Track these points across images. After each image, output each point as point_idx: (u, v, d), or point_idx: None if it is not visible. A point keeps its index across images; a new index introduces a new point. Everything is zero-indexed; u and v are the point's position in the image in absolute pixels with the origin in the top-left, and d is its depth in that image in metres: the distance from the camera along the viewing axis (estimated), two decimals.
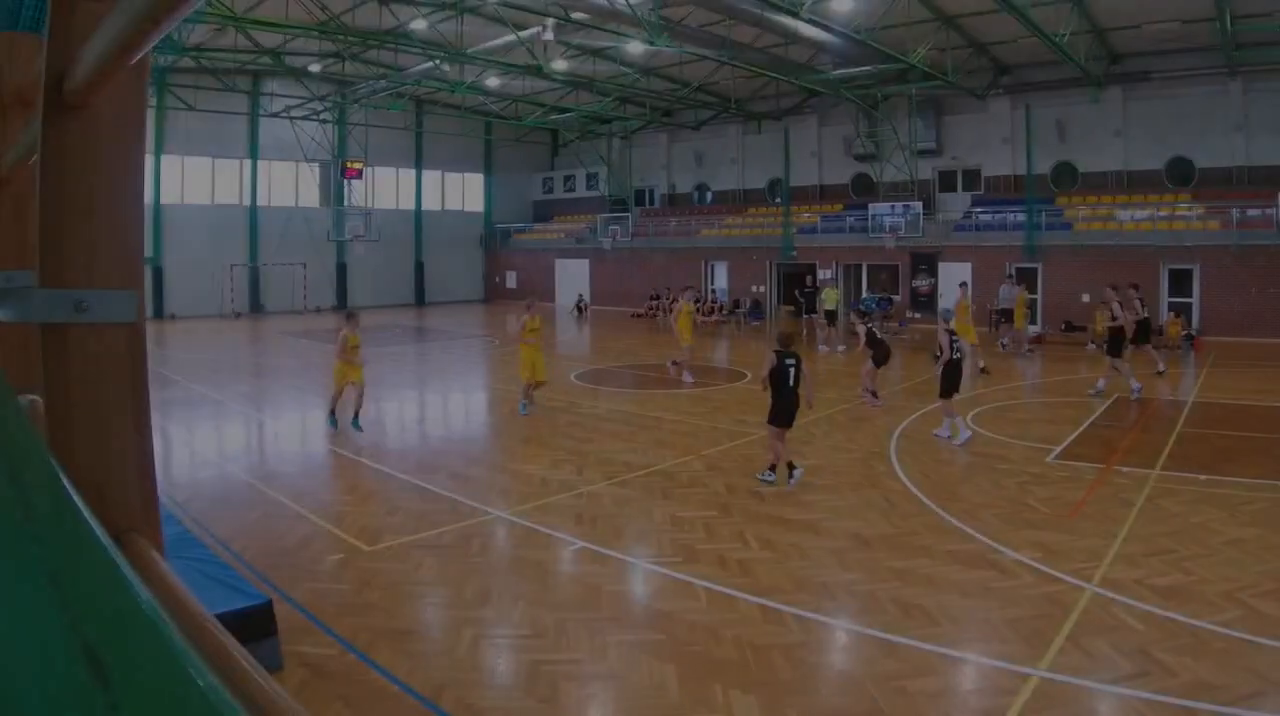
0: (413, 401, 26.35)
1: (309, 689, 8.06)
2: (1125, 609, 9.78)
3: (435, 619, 9.88)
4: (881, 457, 17.42)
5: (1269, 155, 41.13)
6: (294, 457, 18.51)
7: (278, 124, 56.32)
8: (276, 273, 58.25)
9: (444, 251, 67.99)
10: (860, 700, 7.92)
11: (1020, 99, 48.40)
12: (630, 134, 66.00)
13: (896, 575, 10.93)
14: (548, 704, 7.88)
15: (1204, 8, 35.44)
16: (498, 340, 41.45)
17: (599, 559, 11.67)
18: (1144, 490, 14.63)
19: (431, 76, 47.30)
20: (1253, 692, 7.89)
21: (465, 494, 14.71)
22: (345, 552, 11.82)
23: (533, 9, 37.78)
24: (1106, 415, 21.77)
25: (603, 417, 21.90)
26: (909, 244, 47.15)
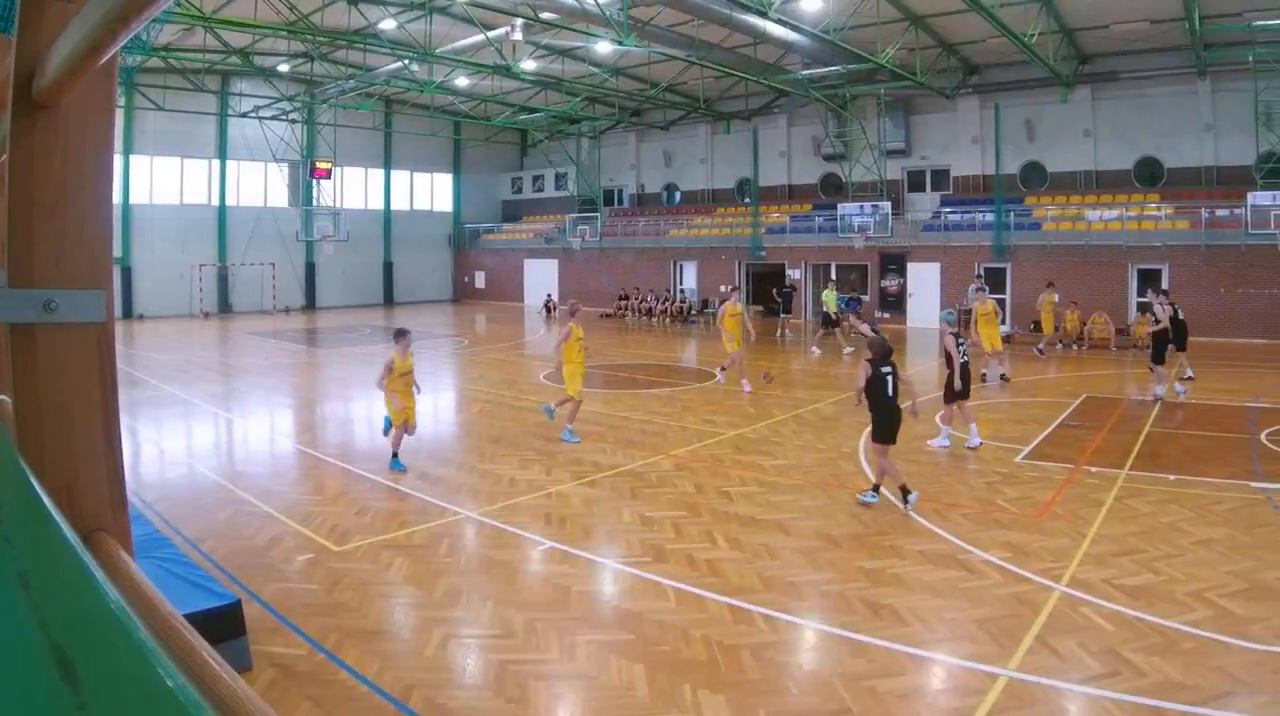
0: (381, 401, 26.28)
1: (278, 688, 8.04)
2: (1094, 609, 9.84)
3: (404, 619, 9.85)
4: (851, 457, 17.47)
5: (1237, 155, 41.34)
6: (263, 457, 18.45)
7: (246, 124, 56.16)
8: (245, 273, 58.16)
9: (413, 251, 68.00)
10: (829, 700, 7.94)
11: (989, 99, 48.58)
12: (599, 134, 66.01)
13: (866, 575, 10.98)
14: (517, 704, 7.87)
15: (1172, 8, 35.64)
16: (466, 340, 41.48)
17: (568, 559, 11.69)
18: (1113, 490, 14.69)
19: (400, 76, 47.22)
20: (1222, 692, 7.94)
21: (434, 494, 14.74)
22: (314, 552, 11.79)
23: (501, 9, 37.74)
24: (1076, 415, 21.85)
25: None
26: (878, 244, 47.23)
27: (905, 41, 39.87)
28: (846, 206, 47.50)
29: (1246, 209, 37.07)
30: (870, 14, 35.95)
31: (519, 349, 38.98)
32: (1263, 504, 13.89)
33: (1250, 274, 36.51)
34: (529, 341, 42.24)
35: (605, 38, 37.00)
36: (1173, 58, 41.82)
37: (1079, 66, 45.15)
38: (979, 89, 49.06)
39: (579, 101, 57.49)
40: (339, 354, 36.69)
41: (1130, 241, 40.92)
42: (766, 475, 16.04)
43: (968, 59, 47.33)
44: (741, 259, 54.75)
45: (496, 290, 68.06)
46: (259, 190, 59.21)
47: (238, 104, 55.39)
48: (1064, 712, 7.93)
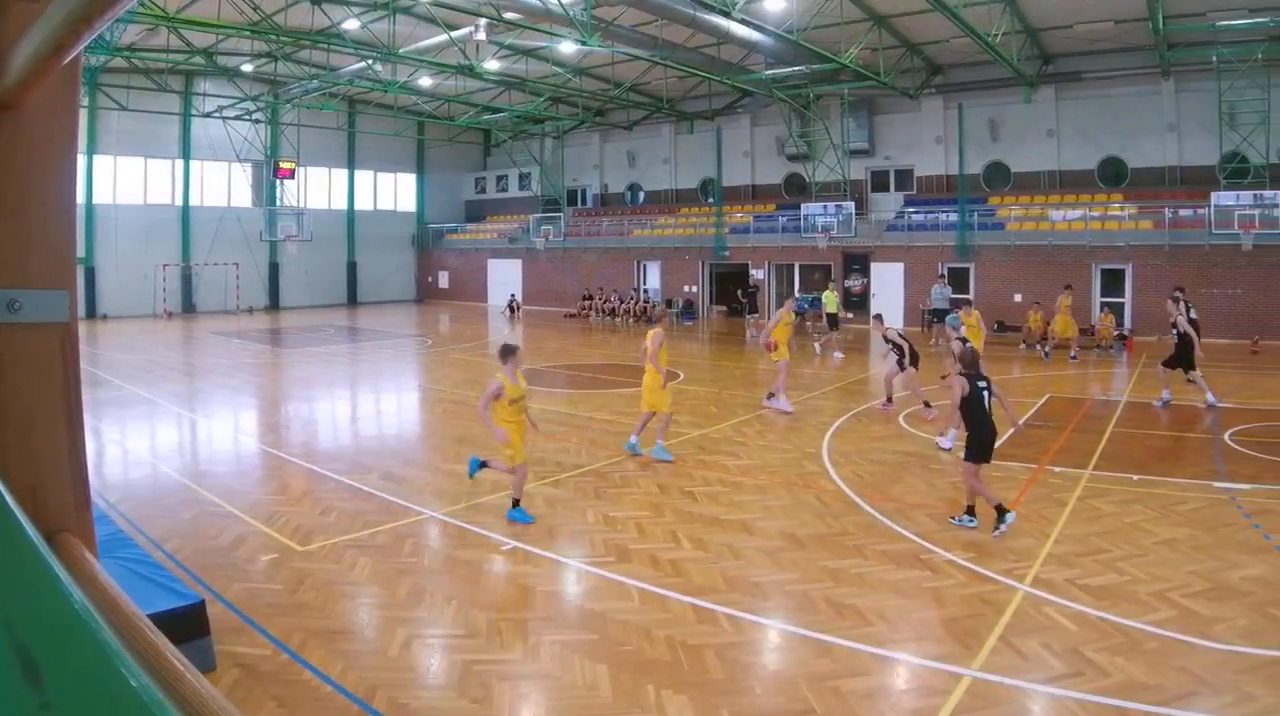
0: (345, 401, 26.22)
1: (242, 688, 8.01)
2: (1058, 609, 9.89)
3: (368, 619, 9.83)
4: (814, 458, 17.49)
5: (1201, 155, 41.57)
6: (227, 458, 18.34)
7: (210, 124, 56.03)
8: (209, 273, 58.03)
9: (376, 251, 67.93)
10: (793, 700, 7.95)
11: (953, 99, 48.71)
12: (562, 134, 65.87)
13: (829, 575, 11.00)
14: (481, 704, 7.87)
15: (1136, 8, 35.86)
16: (430, 340, 41.42)
17: (532, 559, 11.68)
18: (1076, 490, 14.74)
19: (364, 76, 47.17)
20: (1185, 692, 7.98)
21: (398, 494, 14.71)
22: (278, 552, 11.75)
23: (465, 9, 37.72)
24: (1039, 415, 21.93)
25: (535, 418, 21.84)
26: (841, 244, 47.33)
27: (869, 41, 39.97)
28: (810, 206, 47.52)
29: (1210, 209, 37.25)
30: (834, 14, 36.04)
31: (482, 349, 38.92)
32: (1226, 504, 13.94)
33: (1214, 274, 36.69)
34: (492, 342, 42.15)
35: (569, 38, 37.03)
36: (1136, 58, 42.04)
37: (1043, 66, 45.36)
38: (943, 89, 49.24)
39: (542, 101, 57.50)
40: (303, 354, 36.58)
41: (1094, 241, 41.11)
42: (730, 475, 16.05)
43: (931, 59, 47.50)
44: (705, 259, 54.83)
45: (460, 290, 68.01)
46: (222, 190, 59.05)
47: (201, 104, 55.34)
48: (1027, 712, 7.97)
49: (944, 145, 49.65)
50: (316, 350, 37.33)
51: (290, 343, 41.31)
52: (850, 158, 49.88)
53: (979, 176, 48.99)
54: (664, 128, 62.17)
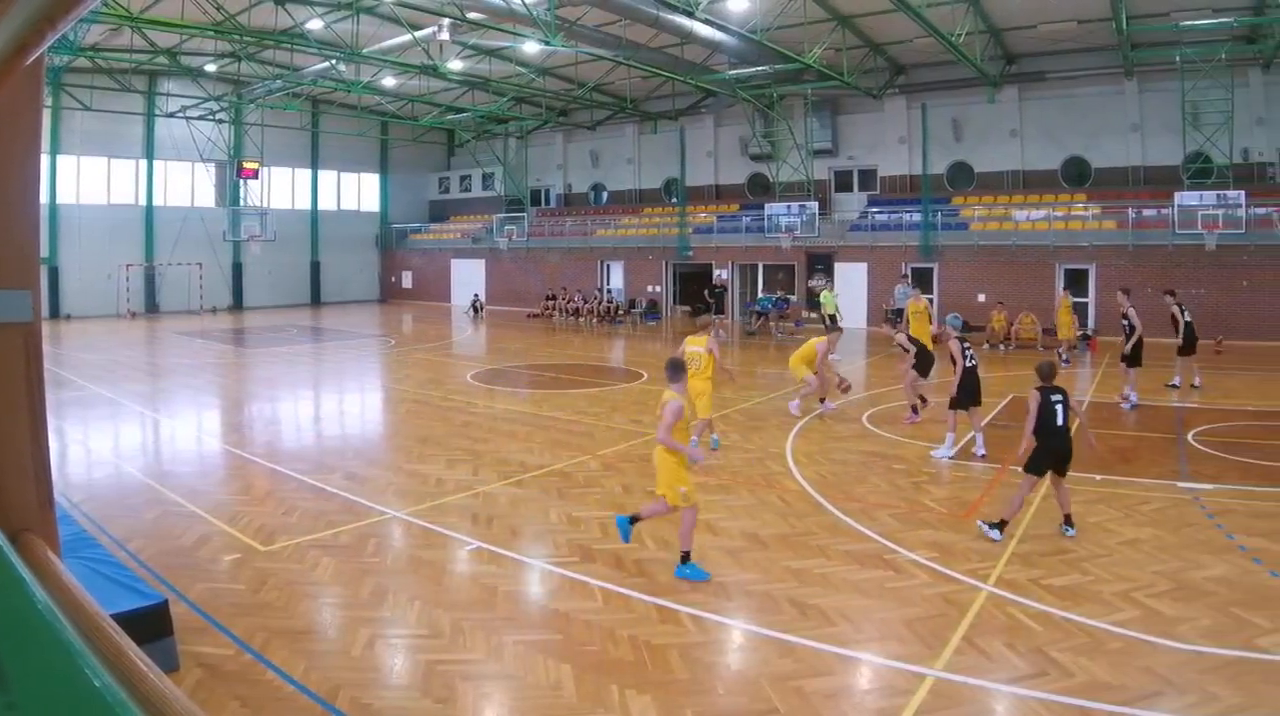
0: (308, 401, 26.14)
1: (205, 688, 7.97)
2: (1022, 609, 9.94)
3: (331, 619, 9.79)
4: (778, 458, 17.51)
5: (1164, 155, 41.85)
6: (190, 457, 18.22)
7: (174, 124, 55.88)
8: (172, 273, 57.85)
9: (340, 251, 67.89)
10: (757, 700, 7.96)
11: (916, 99, 48.95)
12: (526, 134, 65.85)
13: (793, 575, 11.02)
14: (444, 704, 7.86)
15: (1100, 8, 36.09)
16: (393, 340, 41.36)
17: (495, 559, 11.66)
18: (1040, 490, 14.69)
19: (327, 76, 47.05)
20: (1149, 693, 8.02)
21: (361, 494, 14.65)
22: (241, 552, 11.69)
23: (428, 9, 37.66)
24: (1003, 415, 22.03)
25: (499, 417, 21.85)
26: (805, 244, 47.44)
27: (832, 41, 40.06)
28: (774, 206, 47.53)
29: (1173, 209, 37.50)
30: (797, 14, 36.16)
31: (446, 349, 38.86)
32: (1189, 504, 14.00)
33: (1177, 274, 36.81)
34: (456, 342, 42.15)
35: (532, 38, 37.00)
36: (1100, 58, 42.30)
37: (1006, 67, 45.55)
38: (906, 89, 49.44)
39: (506, 101, 57.47)
40: (266, 354, 36.45)
41: (1057, 241, 41.33)
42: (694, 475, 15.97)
43: (895, 59, 47.69)
44: (669, 259, 54.97)
45: (423, 290, 67.94)
46: (186, 190, 58.85)
47: (165, 104, 55.27)
48: (991, 712, 8.00)
49: (907, 145, 49.88)
50: (280, 350, 37.23)
51: (253, 343, 41.18)
52: (814, 158, 49.97)
53: (942, 176, 49.26)
54: (627, 128, 62.31)
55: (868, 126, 51.64)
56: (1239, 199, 36.18)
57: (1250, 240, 36.32)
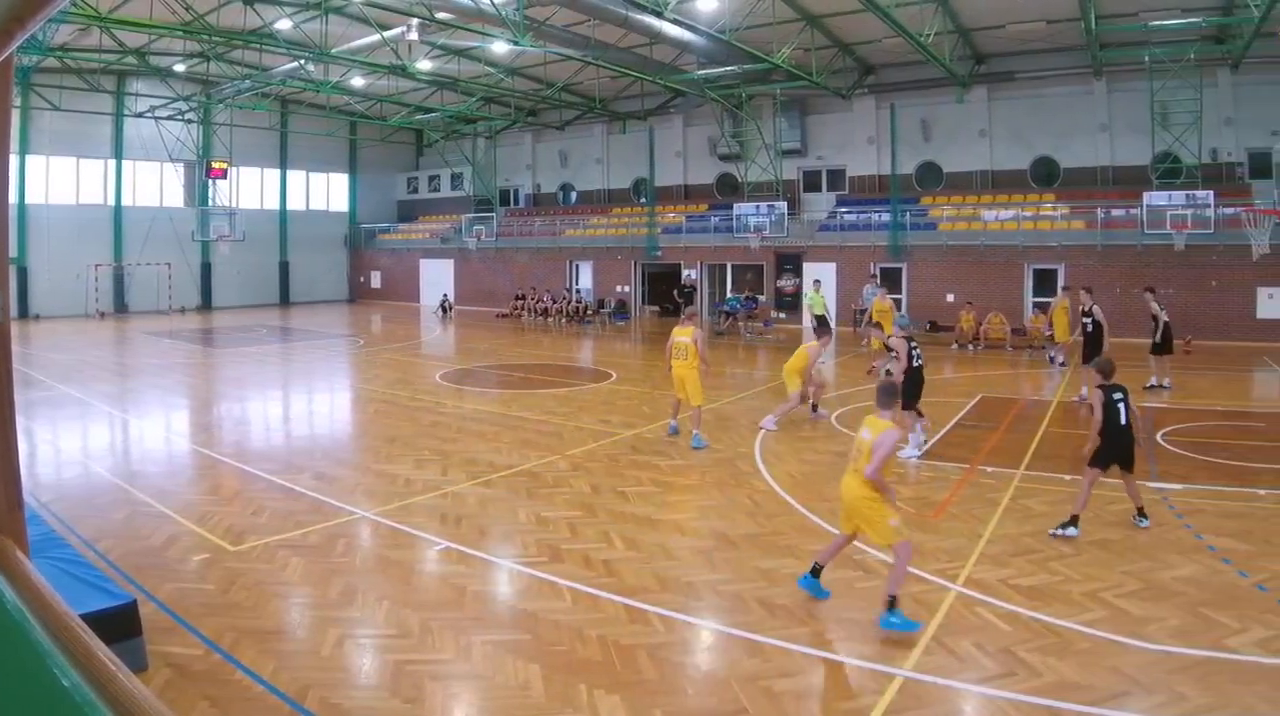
0: (277, 401, 26.07)
1: (174, 688, 7.96)
2: (990, 609, 9.97)
3: (300, 619, 9.76)
4: (747, 458, 17.52)
5: (1133, 155, 42.05)
6: (159, 458, 18.16)
7: (143, 124, 55.72)
8: (141, 273, 57.65)
9: (309, 251, 67.70)
10: (726, 700, 7.97)
11: (885, 99, 49.09)
12: (495, 134, 65.80)
13: (762, 575, 11.04)
14: (413, 704, 7.85)
15: (1068, 8, 36.32)
16: (362, 340, 41.30)
17: (464, 559, 11.65)
18: (1009, 490, 14.85)
19: (296, 76, 46.93)
20: (1117, 692, 8.04)
21: (330, 494, 14.62)
22: (210, 553, 11.66)
23: (397, 9, 37.60)
24: (971, 415, 22.09)
25: (467, 418, 21.83)
26: (773, 244, 47.50)
27: (801, 41, 40.17)
28: (742, 206, 47.60)
29: (1142, 209, 37.66)
30: (766, 14, 36.24)
31: (415, 349, 38.82)
32: (1158, 504, 13.97)
33: (1146, 274, 36.85)
34: (425, 342, 42.12)
35: (501, 38, 37.00)
36: (1069, 58, 42.50)
37: (975, 67, 45.78)
38: (875, 89, 49.60)
39: (475, 101, 57.48)
40: (235, 354, 36.36)
41: (1026, 241, 41.45)
42: (663, 475, 16.08)
43: (864, 59, 47.87)
44: (638, 259, 54.99)
45: (392, 290, 67.86)
46: (155, 190, 58.67)
47: (134, 104, 55.16)
48: (960, 712, 8.03)
49: (876, 145, 50.05)
50: (248, 350, 37.14)
51: (222, 343, 41.05)
52: (782, 158, 50.10)
53: (911, 176, 49.45)
54: (596, 128, 62.38)
55: (836, 126, 51.80)
56: (1207, 199, 36.34)
57: (1219, 240, 36.48)
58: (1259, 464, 16.37)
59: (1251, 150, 40.60)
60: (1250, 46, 34.94)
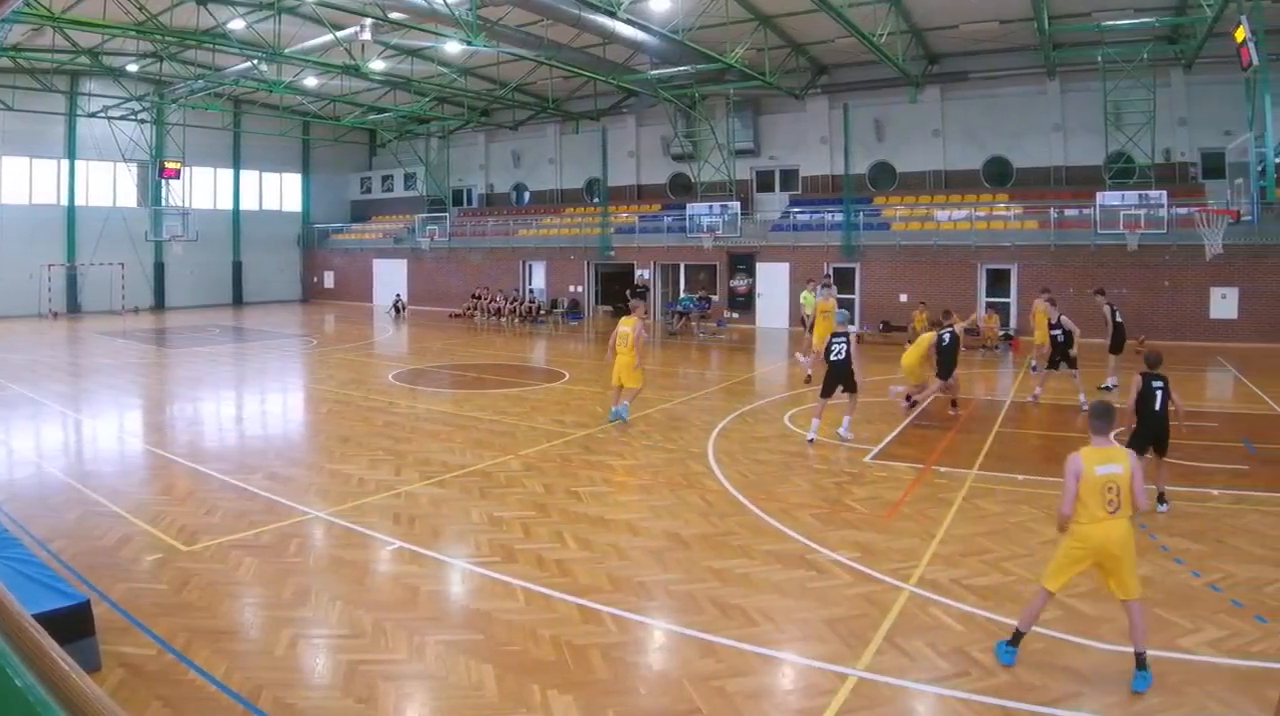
0: (230, 401, 25.93)
1: (127, 688, 7.93)
2: (943, 609, 10.03)
3: (253, 619, 9.72)
4: (700, 458, 17.54)
5: (1086, 155, 42.46)
6: (112, 457, 18.08)
7: (96, 124, 55.35)
8: (94, 273, 57.33)
9: (262, 251, 67.50)
10: (679, 700, 8.00)
11: (838, 99, 49.27)
12: (448, 134, 65.82)
13: (715, 575, 11.05)
14: (366, 704, 7.84)
15: (1022, 8, 36.52)
16: (315, 340, 41.14)
17: (417, 559, 11.62)
18: (962, 490, 14.93)
19: (249, 76, 46.71)
20: (1070, 692, 8.10)
21: (283, 494, 14.56)
22: (163, 552, 11.61)
23: (350, 9, 37.46)
24: (925, 415, 22.13)
25: (421, 417, 21.81)
26: (726, 244, 47.58)
27: (754, 41, 40.32)
28: (695, 206, 47.72)
29: (1095, 209, 38.04)
30: (719, 14, 36.31)
31: (367, 349, 38.71)
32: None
33: (1099, 274, 37.10)
34: (378, 342, 42.02)
35: (454, 38, 36.93)
36: (1022, 58, 42.79)
37: (928, 66, 46.04)
38: (828, 89, 49.79)
39: (428, 101, 57.41)
40: (188, 354, 36.14)
41: (979, 241, 41.72)
42: (615, 475, 16.15)
43: (817, 59, 48.02)
44: (590, 259, 55.04)
45: (345, 290, 67.73)
46: (108, 190, 58.32)
47: (87, 104, 54.80)
48: (913, 712, 8.06)
49: (829, 145, 50.24)
50: (202, 350, 36.97)
51: (175, 342, 40.81)
52: (735, 158, 50.28)
53: (864, 176, 49.71)
54: (549, 128, 62.41)
55: (789, 126, 52.00)
56: (1161, 199, 36.68)
57: (1172, 240, 36.80)
58: (1212, 464, 16.51)
59: (1205, 150, 41.06)
60: (1203, 46, 35.16)
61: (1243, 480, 15.50)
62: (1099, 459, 8.66)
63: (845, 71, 48.39)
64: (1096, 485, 8.50)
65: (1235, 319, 36.49)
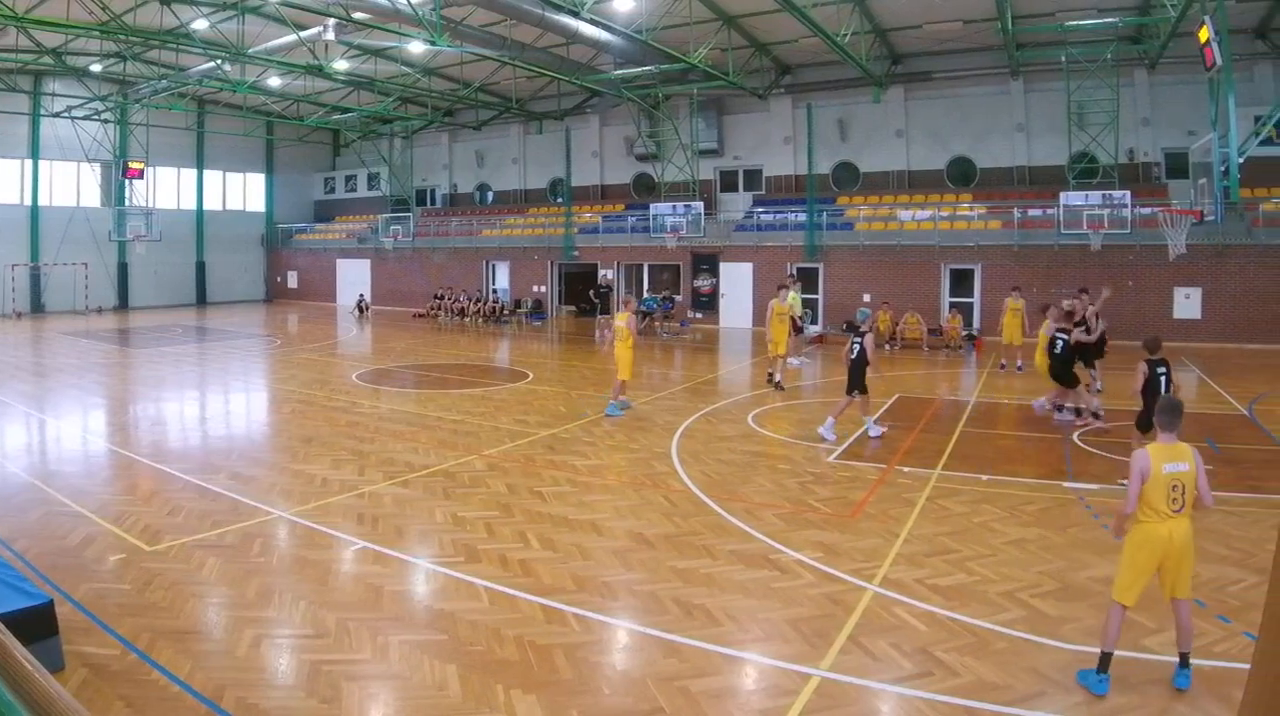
0: (194, 401, 25.79)
1: (90, 688, 7.89)
2: (907, 609, 10.05)
3: (217, 619, 9.69)
4: (663, 458, 17.59)
5: (1050, 155, 42.64)
6: (75, 457, 17.94)
7: (59, 124, 55.14)
8: (58, 273, 57.09)
9: (225, 251, 67.41)
10: (642, 700, 8.04)
11: (802, 99, 49.37)
12: (412, 134, 65.72)
13: (678, 575, 11.10)
14: (329, 704, 7.83)
15: (985, 8, 36.66)
16: (279, 340, 41.02)
17: (381, 559, 11.62)
18: (925, 490, 14.98)
19: (213, 76, 46.41)
20: (1034, 692, 8.14)
21: (247, 494, 14.54)
22: (127, 553, 11.59)
23: (314, 9, 37.23)
24: (888, 415, 22.19)
25: (384, 418, 21.80)
26: (690, 244, 47.61)
27: (718, 41, 40.28)
28: (659, 206, 47.51)
29: (1059, 209, 38.21)
30: (683, 14, 36.31)
31: (331, 349, 38.60)
32: (1075, 504, 14.20)
33: (1062, 273, 37.36)
34: (341, 342, 41.91)
35: (418, 38, 36.76)
36: (985, 58, 42.93)
37: (892, 67, 46.06)
38: (791, 89, 49.82)
39: (391, 101, 57.18)
40: (151, 354, 35.94)
41: (943, 241, 41.88)
42: (579, 475, 16.14)
43: (780, 59, 48.03)
44: (554, 259, 55.14)
45: (309, 290, 67.63)
46: (71, 190, 58.09)
47: (50, 104, 54.67)
48: (877, 712, 8.06)
49: (793, 145, 50.33)
50: (165, 350, 36.82)
51: (139, 342, 40.58)
52: (699, 158, 50.16)
53: (828, 176, 49.78)
54: (513, 128, 62.32)
55: (753, 126, 52.07)
56: (1124, 199, 36.80)
57: (1135, 240, 37.01)
58: None
59: (1168, 150, 41.19)
60: (1167, 47, 35.30)
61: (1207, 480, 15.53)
62: (1167, 456, 8.42)
63: (809, 71, 48.45)
64: (1163, 483, 8.31)
65: (1199, 319, 36.71)
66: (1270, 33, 37.48)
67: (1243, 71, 35.87)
